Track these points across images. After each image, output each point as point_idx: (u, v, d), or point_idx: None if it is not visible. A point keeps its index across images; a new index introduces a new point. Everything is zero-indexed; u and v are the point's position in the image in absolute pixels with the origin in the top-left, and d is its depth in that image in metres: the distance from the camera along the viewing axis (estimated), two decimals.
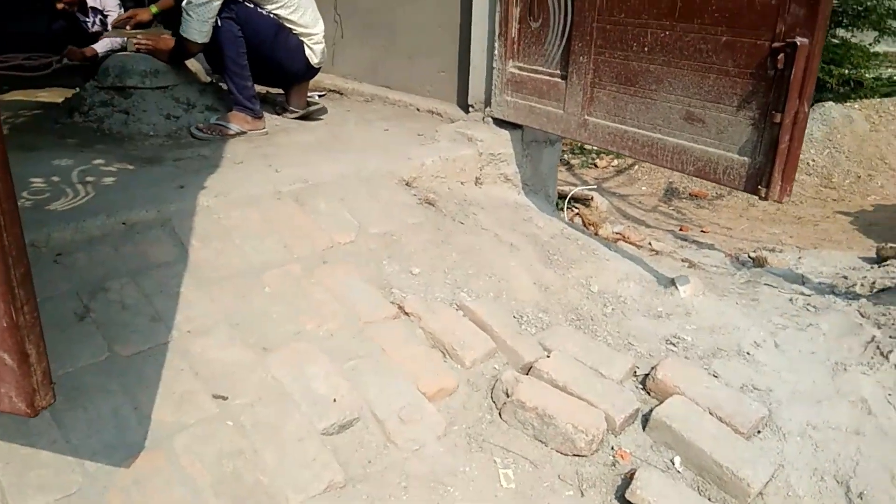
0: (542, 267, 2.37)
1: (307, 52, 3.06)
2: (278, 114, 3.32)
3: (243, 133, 2.93)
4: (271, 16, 2.92)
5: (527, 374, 1.86)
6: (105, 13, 3.91)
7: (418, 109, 3.52)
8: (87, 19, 3.86)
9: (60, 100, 3.44)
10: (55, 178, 2.27)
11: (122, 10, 3.87)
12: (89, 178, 2.29)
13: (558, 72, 2.65)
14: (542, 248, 2.49)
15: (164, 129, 2.88)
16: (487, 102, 3.04)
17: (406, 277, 2.13)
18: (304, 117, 3.28)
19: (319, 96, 3.80)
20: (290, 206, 2.25)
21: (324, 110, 3.35)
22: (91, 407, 1.48)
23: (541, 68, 2.73)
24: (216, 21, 2.78)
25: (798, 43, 1.89)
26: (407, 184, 2.61)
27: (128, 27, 3.17)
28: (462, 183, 2.82)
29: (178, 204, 2.09)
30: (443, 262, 2.23)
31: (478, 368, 1.88)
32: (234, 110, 2.94)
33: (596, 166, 6.09)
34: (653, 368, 1.92)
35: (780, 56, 1.92)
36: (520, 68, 2.83)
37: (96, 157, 2.53)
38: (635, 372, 1.96)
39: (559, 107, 2.65)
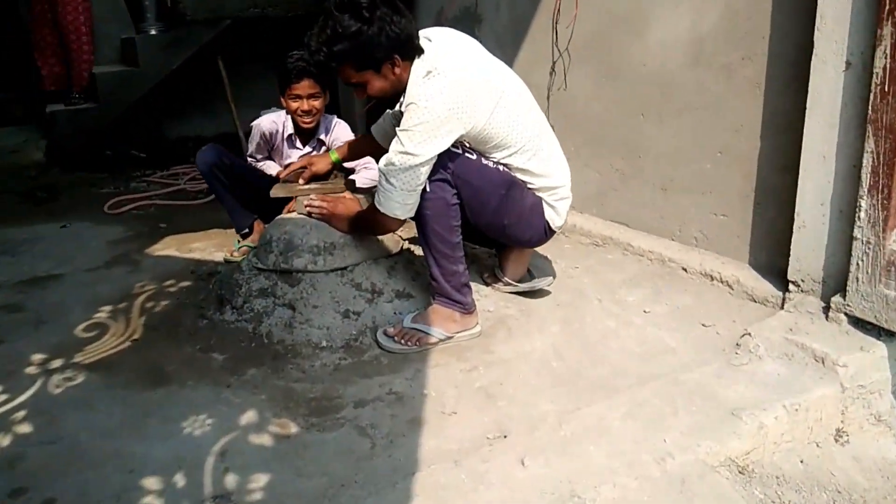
0: None
1: (547, 212, 2.06)
2: (485, 282, 2.37)
3: (449, 339, 1.98)
4: (500, 167, 1.98)
5: None
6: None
7: (685, 269, 2.40)
8: (303, 150, 2.76)
9: (217, 255, 2.77)
10: (180, 472, 1.42)
11: None
12: (231, 474, 1.43)
13: None
14: None
15: (340, 335, 2.00)
16: (835, 287, 1.86)
17: None
18: (522, 293, 2.29)
19: None
20: None
21: (550, 281, 2.33)
22: None
23: None
24: (424, 185, 1.88)
25: None
26: (740, 471, 1.49)
27: (301, 180, 2.31)
28: (818, 445, 1.64)
29: None
30: None
31: None
32: (436, 303, 2.01)
33: None
34: None
35: None
36: None
37: (246, 406, 1.69)
38: None
39: None
